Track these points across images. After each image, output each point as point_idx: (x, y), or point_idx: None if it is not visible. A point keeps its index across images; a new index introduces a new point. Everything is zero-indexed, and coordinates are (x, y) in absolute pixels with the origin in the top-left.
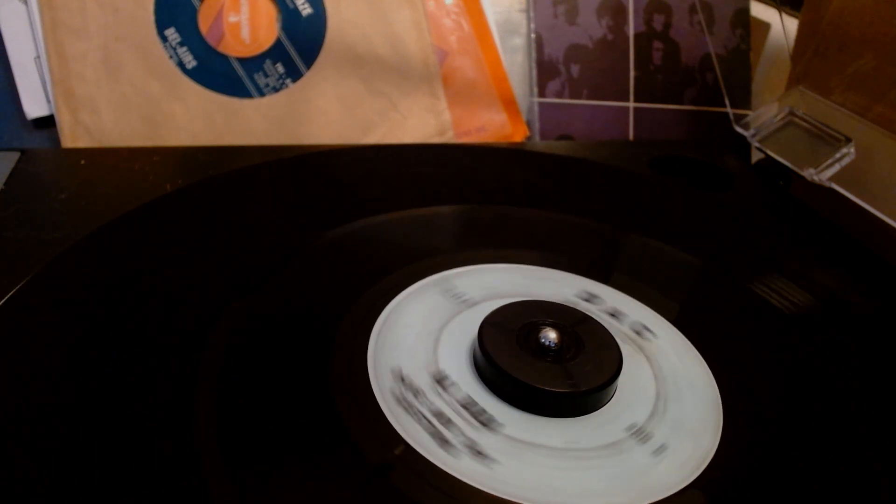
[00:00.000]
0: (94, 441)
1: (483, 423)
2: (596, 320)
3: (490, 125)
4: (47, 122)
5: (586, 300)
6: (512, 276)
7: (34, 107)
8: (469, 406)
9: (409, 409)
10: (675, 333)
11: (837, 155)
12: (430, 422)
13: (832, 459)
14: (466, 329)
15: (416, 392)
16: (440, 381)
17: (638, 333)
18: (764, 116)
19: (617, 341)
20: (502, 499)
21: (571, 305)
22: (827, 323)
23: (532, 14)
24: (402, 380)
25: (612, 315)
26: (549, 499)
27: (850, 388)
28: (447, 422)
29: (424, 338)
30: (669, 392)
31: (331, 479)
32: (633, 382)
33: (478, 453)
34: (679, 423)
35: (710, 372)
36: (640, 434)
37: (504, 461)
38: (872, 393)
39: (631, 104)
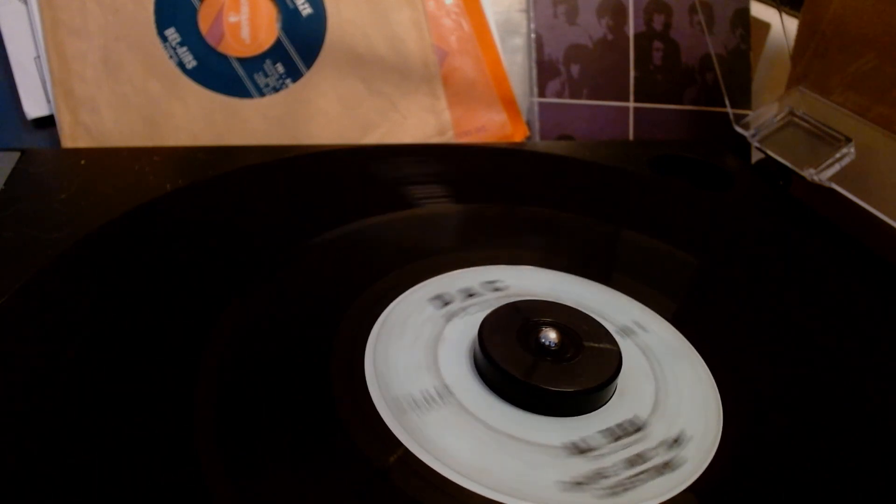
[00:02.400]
0: (94, 441)
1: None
2: (593, 318)
3: (490, 125)
4: (47, 122)
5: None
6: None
7: (34, 107)
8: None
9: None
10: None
11: (837, 155)
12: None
13: (832, 458)
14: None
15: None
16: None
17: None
18: (764, 116)
19: (615, 338)
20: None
21: (569, 305)
22: (827, 322)
23: (532, 14)
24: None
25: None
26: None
27: (850, 387)
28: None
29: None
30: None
31: (330, 480)
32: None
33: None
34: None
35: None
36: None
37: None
38: (872, 392)
39: (631, 104)
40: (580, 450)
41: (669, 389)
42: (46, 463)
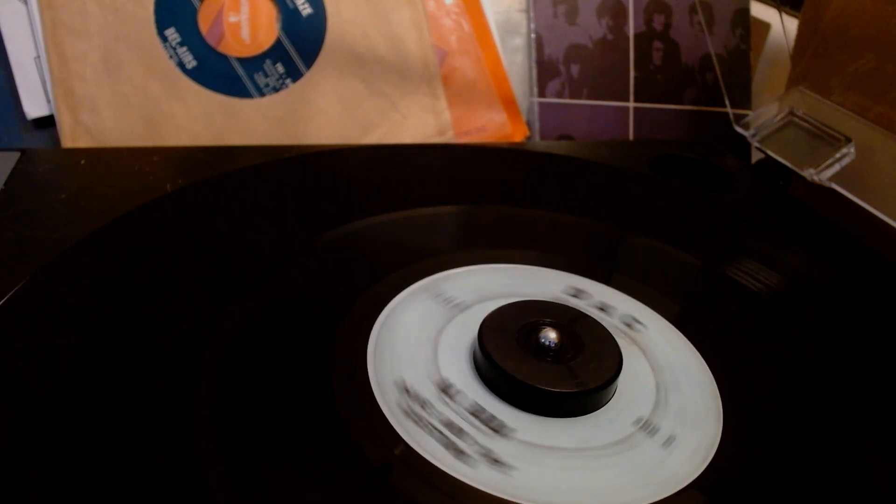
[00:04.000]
0: (94, 441)
1: (495, 430)
2: (592, 317)
3: (490, 125)
4: (47, 122)
5: (575, 296)
6: (512, 276)
7: (34, 107)
8: (478, 413)
9: (418, 421)
10: (673, 332)
11: (837, 155)
12: (441, 433)
13: (832, 458)
14: (466, 330)
15: (423, 403)
16: (445, 389)
17: (629, 326)
18: (764, 116)
19: (616, 339)
20: None
21: (568, 304)
22: (827, 323)
23: (532, 14)
24: (407, 391)
25: (602, 310)
26: (571, 500)
27: (850, 386)
28: (459, 431)
29: (424, 342)
30: (669, 384)
31: (331, 480)
32: (633, 377)
33: (494, 461)
34: (682, 413)
35: (709, 371)
36: (647, 427)
37: (521, 466)
38: (871, 390)
39: (631, 104)
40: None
41: (670, 391)
42: (47, 463)
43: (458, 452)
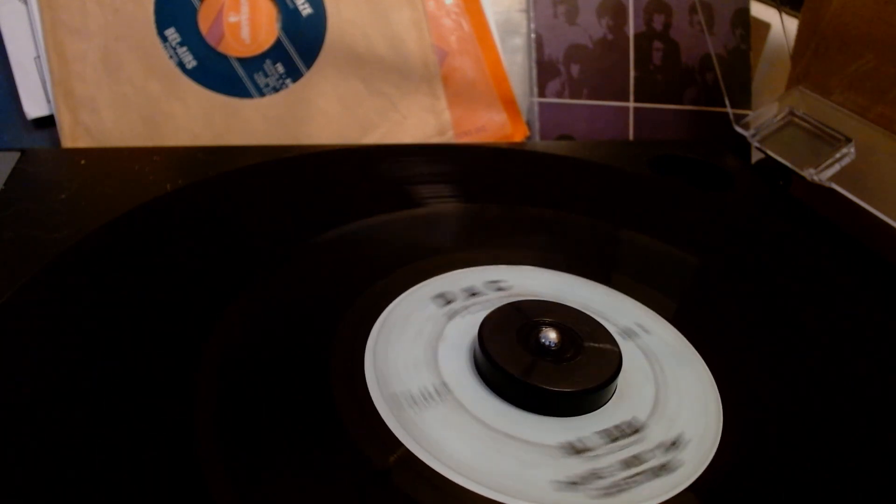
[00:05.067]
0: (94, 441)
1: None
2: (594, 318)
3: (490, 125)
4: (47, 122)
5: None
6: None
7: (34, 107)
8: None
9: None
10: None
11: (837, 155)
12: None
13: (833, 459)
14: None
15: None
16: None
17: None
18: (764, 116)
19: (616, 339)
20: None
21: (568, 304)
22: (827, 323)
23: (532, 14)
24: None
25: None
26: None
27: (850, 387)
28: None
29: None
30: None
31: (330, 479)
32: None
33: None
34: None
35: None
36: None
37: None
38: (872, 392)
39: (631, 104)
40: (576, 450)
41: (670, 392)
42: (47, 463)
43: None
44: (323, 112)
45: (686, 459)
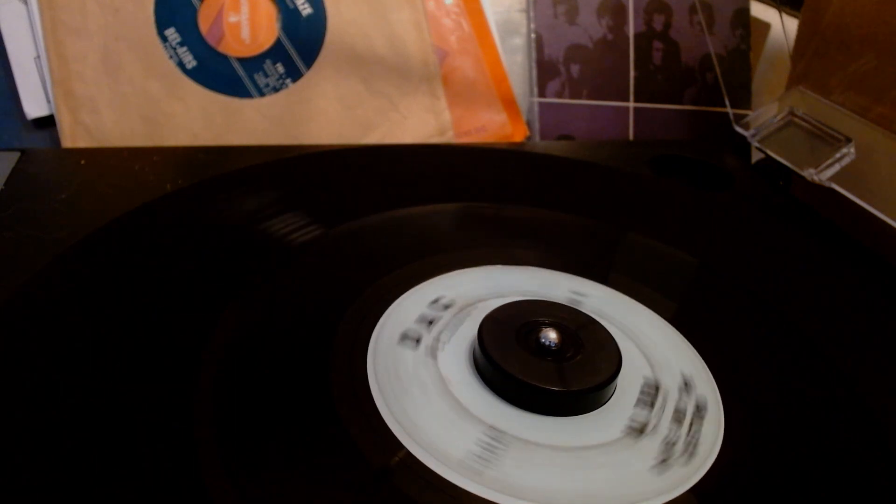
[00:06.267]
0: (94, 441)
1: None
2: (595, 319)
3: (490, 125)
4: (47, 122)
5: (580, 300)
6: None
7: (34, 107)
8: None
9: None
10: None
11: (837, 155)
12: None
13: (833, 459)
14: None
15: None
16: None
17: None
18: (764, 116)
19: (616, 340)
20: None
21: (570, 305)
22: (827, 322)
23: (532, 14)
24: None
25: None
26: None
27: (850, 387)
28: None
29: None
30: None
31: (330, 480)
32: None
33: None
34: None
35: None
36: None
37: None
38: (872, 392)
39: (631, 104)
40: (638, 430)
41: (644, 340)
42: (47, 463)
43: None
44: (323, 112)
45: (704, 393)
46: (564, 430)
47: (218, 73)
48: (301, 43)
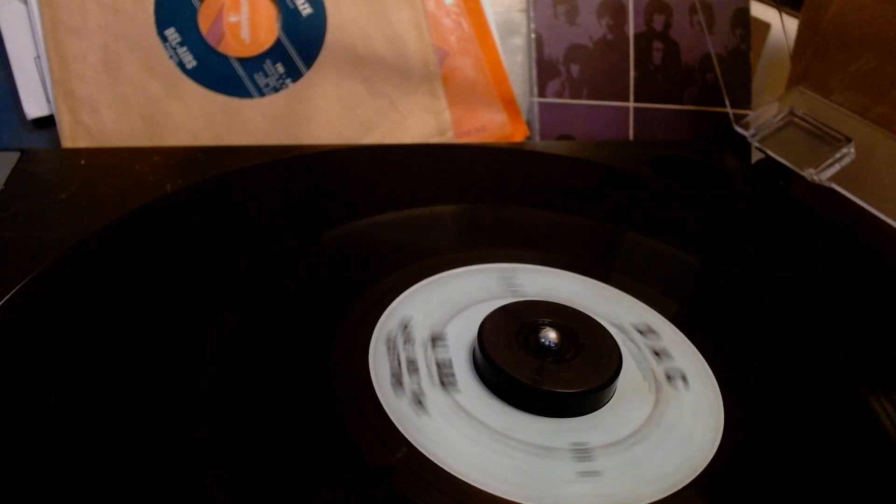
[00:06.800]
0: (94, 441)
1: (443, 383)
2: (596, 320)
3: (490, 125)
4: (47, 122)
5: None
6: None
7: (34, 107)
8: (442, 366)
9: (390, 349)
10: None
11: (837, 155)
12: (399, 364)
13: (833, 458)
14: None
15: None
16: (434, 339)
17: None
18: (764, 116)
19: (616, 341)
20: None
21: (571, 305)
22: (827, 322)
23: (532, 14)
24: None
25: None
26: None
27: (850, 387)
28: (413, 370)
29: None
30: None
31: (331, 480)
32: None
33: (418, 403)
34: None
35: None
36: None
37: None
38: (872, 393)
39: (631, 104)
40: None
41: (669, 388)
42: (46, 463)
43: (397, 384)
44: (323, 112)
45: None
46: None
47: (218, 73)
48: (301, 43)
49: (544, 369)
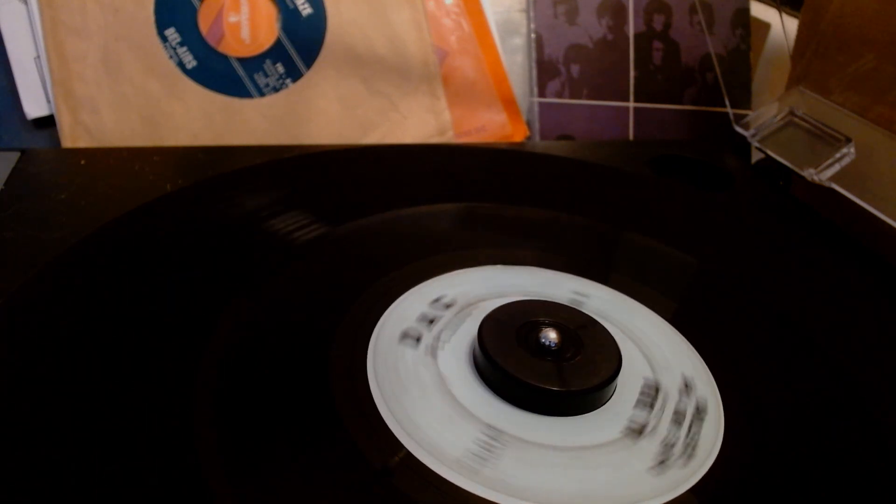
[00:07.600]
0: (94, 441)
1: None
2: (596, 320)
3: (490, 125)
4: (47, 122)
5: (582, 300)
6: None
7: (34, 107)
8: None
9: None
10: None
11: (837, 155)
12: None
13: (833, 458)
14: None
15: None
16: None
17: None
18: (764, 116)
19: (616, 340)
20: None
21: (571, 305)
22: (827, 322)
23: (532, 14)
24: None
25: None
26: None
27: (851, 387)
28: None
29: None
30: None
31: (330, 480)
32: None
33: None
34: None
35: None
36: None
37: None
38: (872, 392)
39: (631, 104)
40: (637, 431)
41: (645, 342)
42: (46, 463)
43: None
44: (323, 112)
45: (704, 394)
46: (563, 430)
47: (218, 73)
48: (301, 43)
49: (547, 369)
